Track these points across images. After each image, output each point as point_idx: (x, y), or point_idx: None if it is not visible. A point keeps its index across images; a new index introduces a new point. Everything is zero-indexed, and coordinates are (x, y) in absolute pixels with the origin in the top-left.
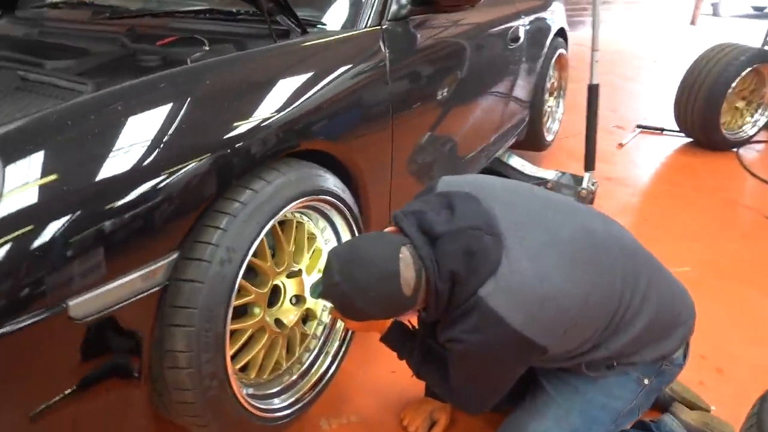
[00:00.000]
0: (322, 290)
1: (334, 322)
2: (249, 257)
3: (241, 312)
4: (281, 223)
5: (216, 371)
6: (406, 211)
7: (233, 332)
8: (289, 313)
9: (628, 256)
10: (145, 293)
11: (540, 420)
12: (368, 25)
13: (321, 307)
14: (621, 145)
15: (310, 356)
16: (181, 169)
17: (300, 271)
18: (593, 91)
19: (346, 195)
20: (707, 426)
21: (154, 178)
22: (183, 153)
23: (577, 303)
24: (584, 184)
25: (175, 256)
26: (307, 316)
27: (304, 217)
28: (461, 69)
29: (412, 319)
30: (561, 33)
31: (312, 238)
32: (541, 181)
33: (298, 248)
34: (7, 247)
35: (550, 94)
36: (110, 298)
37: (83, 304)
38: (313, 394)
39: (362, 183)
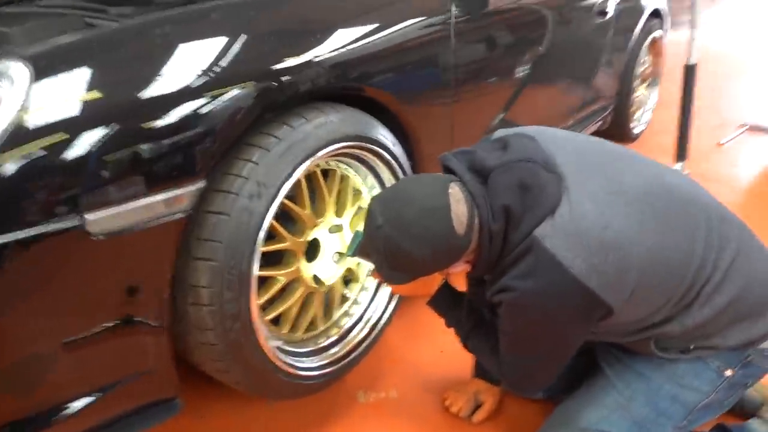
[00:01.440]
0: (363, 240)
1: (377, 287)
2: (281, 196)
3: (276, 261)
4: (324, 173)
5: (239, 313)
6: (454, 152)
7: (266, 280)
8: (328, 270)
9: (714, 219)
10: (168, 218)
11: (596, 407)
12: None
13: (366, 272)
14: (720, 144)
15: (349, 321)
16: (220, 94)
17: (341, 227)
18: (690, 72)
19: (398, 150)
20: None
21: (192, 100)
22: (225, 77)
23: (647, 260)
24: None
25: (202, 184)
26: (350, 279)
27: (350, 170)
28: (538, 39)
29: (459, 279)
30: (656, 14)
31: (358, 194)
32: None
33: (342, 202)
34: (35, 153)
35: (642, 81)
36: (131, 217)
37: (102, 220)
38: (347, 361)
39: (417, 144)
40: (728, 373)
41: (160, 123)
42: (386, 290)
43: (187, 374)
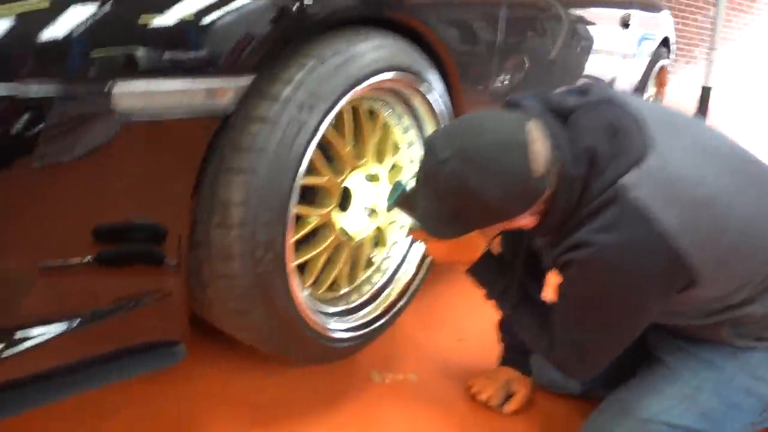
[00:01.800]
0: (406, 190)
1: (405, 255)
2: (333, 115)
3: (308, 202)
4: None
5: (273, 242)
6: (523, 94)
7: (298, 218)
8: (358, 224)
9: None
10: (205, 113)
11: (659, 397)
12: None
13: (391, 239)
14: None
15: (371, 290)
16: None
17: (378, 177)
18: (706, 93)
19: (440, 89)
20: None
21: None
22: None
23: (741, 227)
24: None
25: (248, 81)
26: (377, 243)
27: (393, 116)
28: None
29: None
30: (666, 43)
31: (396, 149)
32: None
33: (382, 150)
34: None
35: None
36: (163, 100)
37: (132, 95)
38: (358, 334)
39: (455, 82)
40: None
41: None
42: (415, 256)
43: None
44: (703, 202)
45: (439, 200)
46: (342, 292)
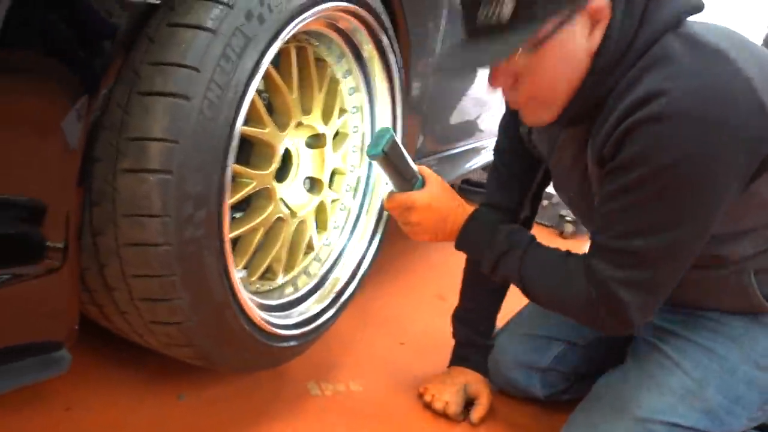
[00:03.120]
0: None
1: (348, 240)
2: (283, 39)
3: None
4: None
5: (207, 195)
6: None
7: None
8: (299, 197)
9: None
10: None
11: (658, 393)
12: None
13: (332, 220)
14: None
15: (295, 293)
16: None
17: (323, 139)
18: None
19: (387, 21)
20: None
21: None
22: None
23: None
24: None
25: None
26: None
27: (336, 60)
28: None
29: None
30: None
31: (342, 109)
32: (544, 196)
33: (328, 109)
34: None
35: None
36: None
37: None
38: (302, 332)
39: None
40: None
41: None
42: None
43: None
44: None
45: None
46: (278, 281)
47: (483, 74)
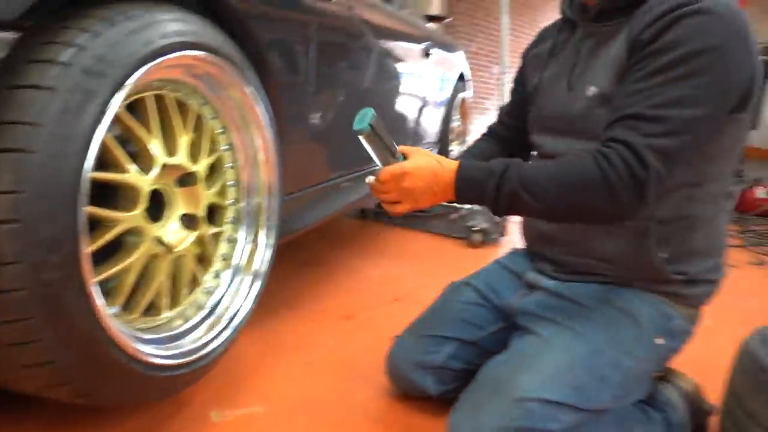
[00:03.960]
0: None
1: (237, 272)
2: (130, 84)
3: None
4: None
5: (60, 239)
6: None
7: (97, 225)
8: (176, 234)
9: None
10: None
11: (531, 372)
12: None
13: (219, 253)
14: None
15: (185, 324)
16: None
17: (196, 178)
18: None
19: (253, 77)
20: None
21: None
22: None
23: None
24: None
25: (11, 35)
26: (203, 258)
27: (201, 101)
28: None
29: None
30: (462, 78)
31: (215, 146)
32: (451, 209)
33: (197, 146)
34: None
35: (457, 137)
36: None
37: None
38: (186, 363)
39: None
40: (660, 341)
41: None
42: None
43: None
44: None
45: None
46: (164, 315)
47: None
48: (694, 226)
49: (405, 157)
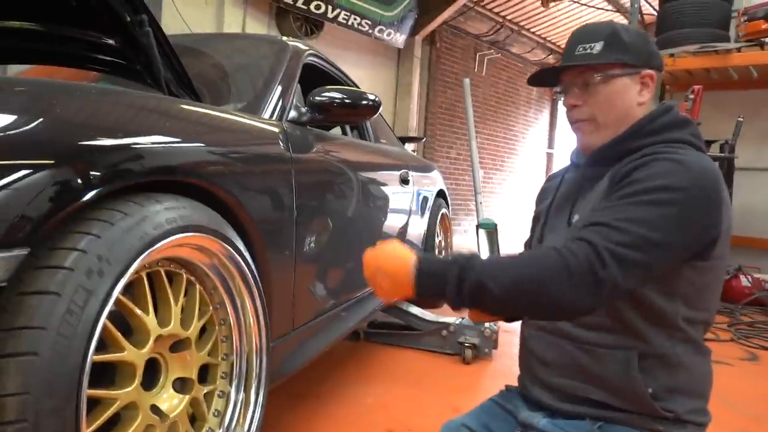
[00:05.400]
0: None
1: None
2: (128, 276)
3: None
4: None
5: (67, 428)
6: None
7: (94, 405)
8: (170, 400)
9: None
10: None
11: None
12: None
13: (212, 410)
14: None
15: None
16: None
17: (188, 343)
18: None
19: (239, 243)
20: None
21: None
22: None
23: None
24: (487, 324)
25: (21, 252)
26: (195, 417)
27: (193, 272)
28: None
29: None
30: (442, 194)
31: (204, 307)
32: (442, 326)
33: (189, 311)
34: None
35: (439, 252)
36: None
37: None
38: None
39: (259, 245)
40: None
41: None
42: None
43: None
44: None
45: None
46: None
47: None
48: (672, 364)
49: None
